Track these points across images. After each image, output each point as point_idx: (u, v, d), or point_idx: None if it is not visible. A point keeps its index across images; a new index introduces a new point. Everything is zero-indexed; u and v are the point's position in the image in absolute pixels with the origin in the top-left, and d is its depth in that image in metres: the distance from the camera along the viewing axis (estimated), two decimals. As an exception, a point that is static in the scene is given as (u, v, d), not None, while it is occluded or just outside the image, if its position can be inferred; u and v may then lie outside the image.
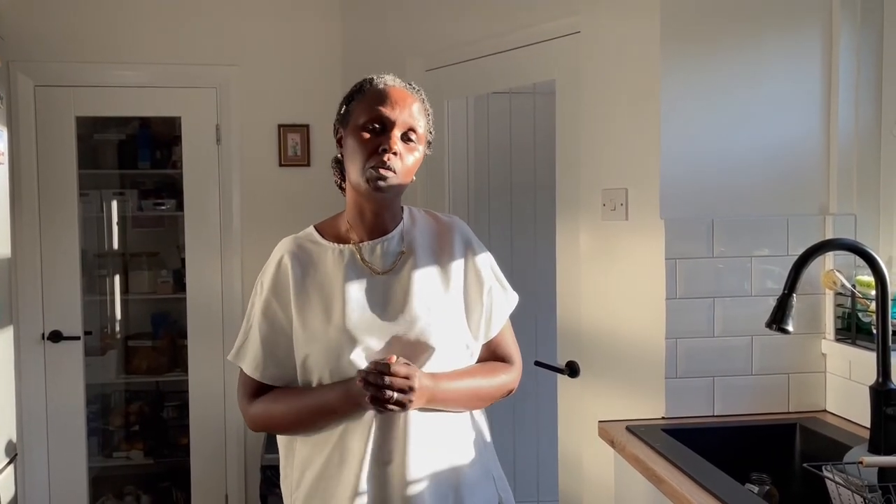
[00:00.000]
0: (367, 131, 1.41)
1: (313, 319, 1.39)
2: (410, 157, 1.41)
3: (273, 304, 1.42)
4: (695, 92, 1.99)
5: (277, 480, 2.92)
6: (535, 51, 2.43)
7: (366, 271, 1.42)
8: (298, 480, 1.44)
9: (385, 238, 1.45)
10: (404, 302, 1.40)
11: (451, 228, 1.51)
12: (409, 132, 1.41)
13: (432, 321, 1.39)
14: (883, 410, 1.55)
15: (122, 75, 3.24)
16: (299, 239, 1.49)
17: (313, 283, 1.42)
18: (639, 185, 2.06)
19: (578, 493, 2.32)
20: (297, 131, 3.34)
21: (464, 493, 1.41)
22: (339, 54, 3.36)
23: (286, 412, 1.42)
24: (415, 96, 1.45)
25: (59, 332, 3.21)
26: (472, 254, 1.50)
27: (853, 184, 2.02)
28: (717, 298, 2.01)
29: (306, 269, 1.42)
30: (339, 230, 1.49)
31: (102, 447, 3.63)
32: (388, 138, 1.38)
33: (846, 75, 2.00)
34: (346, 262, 1.43)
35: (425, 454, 1.38)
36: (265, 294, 1.44)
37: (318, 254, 1.45)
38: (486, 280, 1.49)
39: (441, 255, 1.47)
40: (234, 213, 3.31)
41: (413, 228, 1.48)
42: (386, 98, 1.41)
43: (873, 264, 1.58)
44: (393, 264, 1.43)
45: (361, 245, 1.44)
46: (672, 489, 1.57)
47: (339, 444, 1.38)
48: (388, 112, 1.39)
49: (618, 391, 2.15)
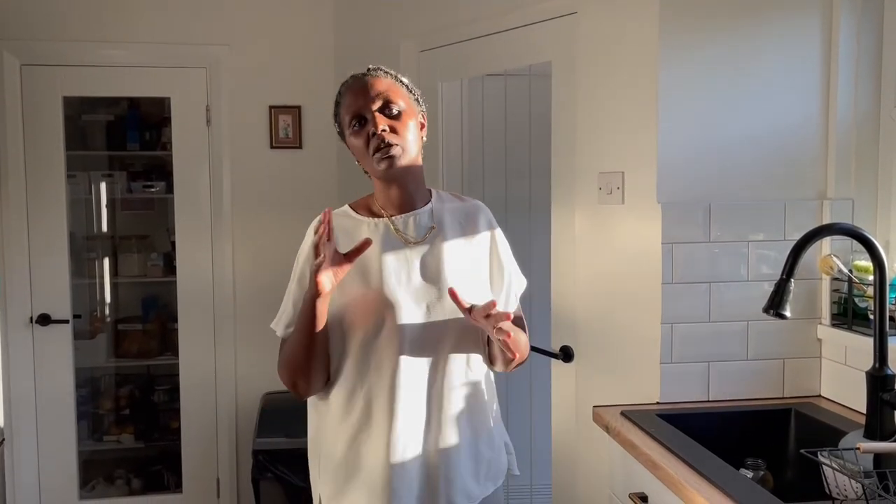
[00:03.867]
0: (355, 129, 1.50)
1: (350, 284, 1.47)
2: (404, 127, 1.48)
3: (307, 273, 1.48)
4: (693, 75, 1.97)
5: (269, 464, 2.91)
6: (530, 32, 2.40)
7: (400, 242, 1.52)
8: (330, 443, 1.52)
9: (416, 212, 1.55)
10: (437, 270, 1.51)
11: (477, 210, 1.62)
12: (387, 106, 1.48)
13: (463, 289, 1.44)
14: (879, 396, 1.54)
15: (110, 54, 3.19)
16: (335, 214, 1.55)
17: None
18: (635, 168, 2.04)
19: (573, 479, 2.31)
20: (289, 113, 3.30)
21: (492, 453, 1.57)
22: (331, 35, 3.32)
23: (290, 346, 1.51)
24: (376, 76, 1.53)
25: (47, 316, 3.18)
26: (494, 236, 1.61)
27: (851, 168, 2.00)
28: (713, 283, 2.00)
29: (342, 242, 1.49)
30: (371, 207, 1.57)
31: (92, 431, 3.61)
32: (371, 125, 1.46)
33: (846, 59, 1.99)
34: (381, 234, 1.52)
35: (459, 415, 1.51)
36: (302, 264, 1.54)
37: (354, 226, 1.54)
38: (505, 263, 1.60)
39: (467, 233, 1.58)
40: (225, 195, 3.27)
41: (442, 207, 1.59)
42: (356, 92, 1.50)
43: (872, 249, 1.57)
44: (424, 236, 1.53)
45: (395, 218, 1.54)
46: (667, 474, 1.57)
47: (371, 407, 1.47)
48: (361, 102, 1.49)
49: (612, 376, 2.14)
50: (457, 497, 1.50)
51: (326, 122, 3.50)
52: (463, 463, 1.51)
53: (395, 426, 1.45)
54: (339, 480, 1.51)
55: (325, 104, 3.34)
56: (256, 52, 3.27)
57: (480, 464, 1.55)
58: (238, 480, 3.35)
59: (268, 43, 3.28)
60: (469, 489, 1.53)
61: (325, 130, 3.36)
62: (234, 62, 3.25)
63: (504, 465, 1.62)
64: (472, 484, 1.53)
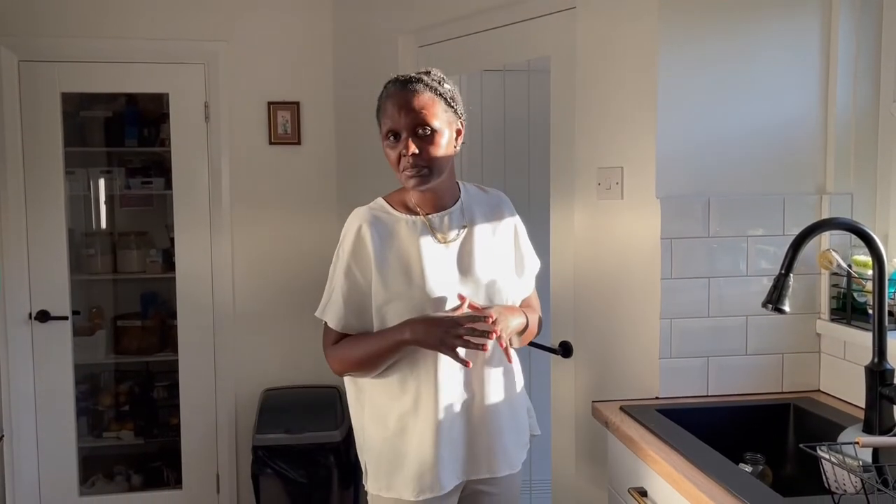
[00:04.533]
0: (388, 143, 1.61)
1: (394, 280, 1.61)
2: (434, 149, 1.58)
3: (353, 268, 1.63)
4: (692, 70, 1.96)
5: (269, 460, 2.92)
6: (529, 27, 2.40)
7: (436, 239, 1.65)
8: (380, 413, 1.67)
9: (449, 211, 1.69)
10: (470, 266, 1.67)
11: (501, 202, 1.79)
12: (420, 127, 1.57)
13: (495, 283, 1.68)
14: (878, 390, 1.54)
15: (108, 50, 3.18)
16: (374, 210, 1.68)
17: (391, 249, 1.63)
18: (634, 164, 2.03)
19: (572, 474, 2.32)
20: (288, 109, 3.30)
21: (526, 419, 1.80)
22: (329, 30, 3.31)
23: (358, 353, 1.64)
24: (417, 90, 1.59)
25: (46, 312, 3.18)
26: (517, 224, 1.79)
27: (850, 163, 2.00)
28: (712, 278, 2.00)
29: (385, 238, 1.63)
30: (406, 203, 1.69)
31: (92, 427, 3.61)
32: (403, 145, 1.58)
33: (845, 53, 1.98)
34: (419, 232, 1.65)
35: (499, 385, 1.70)
36: (346, 258, 1.64)
37: (393, 223, 1.66)
38: (524, 248, 1.79)
39: (495, 224, 1.74)
40: (224, 191, 3.27)
41: (471, 202, 1.73)
42: (393, 107, 1.59)
43: (871, 244, 1.57)
44: (458, 234, 1.68)
45: (431, 217, 1.67)
46: (666, 469, 1.57)
47: (419, 377, 1.62)
48: (396, 121, 1.58)
49: (612, 371, 2.14)
50: (500, 465, 1.69)
51: (325, 117, 3.52)
52: (507, 435, 1.70)
53: (440, 408, 1.61)
54: (388, 455, 1.65)
55: (324, 100, 3.38)
56: (255, 47, 3.26)
57: (522, 434, 1.77)
58: (238, 476, 3.35)
59: (266, 38, 3.27)
60: (512, 458, 1.72)
61: (323, 126, 3.36)
62: (232, 58, 3.24)
63: (528, 432, 1.81)
64: (514, 452, 1.73)
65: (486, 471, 1.68)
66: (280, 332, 3.30)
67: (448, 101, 1.62)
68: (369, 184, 1.60)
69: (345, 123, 3.26)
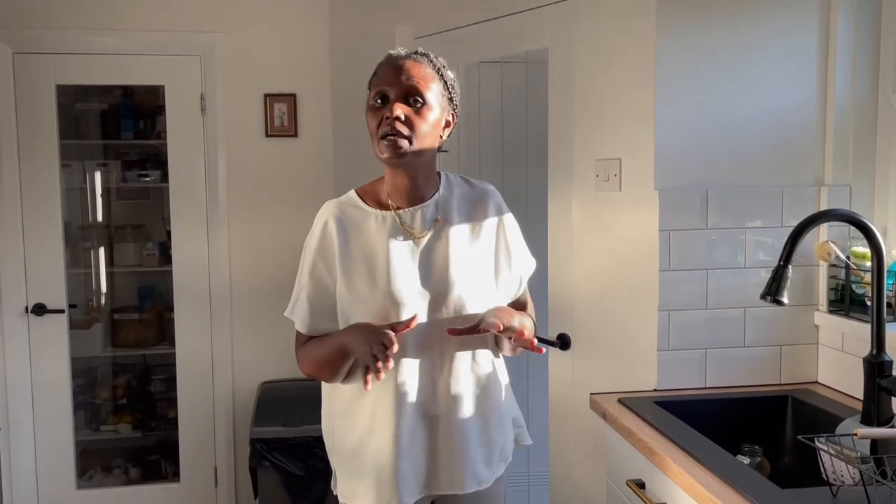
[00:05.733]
0: (375, 105, 1.48)
1: (359, 282, 1.49)
2: (421, 122, 1.45)
3: (319, 266, 1.52)
4: (690, 61, 1.96)
5: (267, 453, 2.91)
6: (526, 18, 2.38)
7: (406, 237, 1.51)
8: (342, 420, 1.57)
9: (423, 205, 1.53)
10: (443, 267, 1.51)
11: (486, 195, 1.61)
12: (413, 96, 1.45)
13: (468, 284, 1.51)
14: (876, 382, 1.54)
15: (103, 42, 3.16)
16: (342, 203, 1.56)
17: (357, 246, 1.51)
18: (633, 155, 2.03)
19: (570, 466, 2.32)
20: (284, 101, 3.28)
21: (503, 434, 1.61)
22: (325, 21, 3.29)
23: (314, 356, 1.55)
24: (419, 62, 1.49)
25: (42, 306, 3.17)
26: (503, 221, 1.61)
27: (849, 154, 2.00)
28: (710, 270, 1.99)
29: (350, 234, 1.51)
30: (379, 196, 1.55)
31: (90, 421, 3.61)
32: (389, 108, 1.44)
33: (844, 44, 1.98)
34: (388, 228, 1.51)
35: (468, 396, 1.53)
36: (311, 256, 1.53)
37: (361, 219, 1.53)
38: (513, 246, 1.61)
39: (475, 221, 1.57)
40: (220, 184, 3.25)
41: (450, 196, 1.57)
42: (388, 71, 1.48)
43: (869, 235, 1.56)
44: (430, 230, 1.52)
45: (401, 212, 1.52)
46: (664, 461, 1.57)
47: (381, 385, 1.47)
48: (390, 83, 1.46)
49: (610, 363, 2.14)
50: (467, 482, 1.54)
51: (322, 109, 3.51)
52: (473, 452, 1.55)
53: (399, 420, 1.48)
54: (350, 467, 1.57)
55: (321, 92, 3.36)
56: (251, 39, 3.24)
57: (493, 450, 1.59)
58: (236, 469, 3.35)
59: (262, 30, 3.26)
60: (480, 475, 1.56)
61: (320, 118, 3.35)
62: (228, 50, 3.22)
63: (511, 444, 1.66)
64: (483, 469, 1.57)
65: (449, 487, 1.54)
66: (277, 325, 3.28)
67: (448, 85, 1.52)
68: (366, 176, 1.59)
69: (342, 115, 3.25)
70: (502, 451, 1.62)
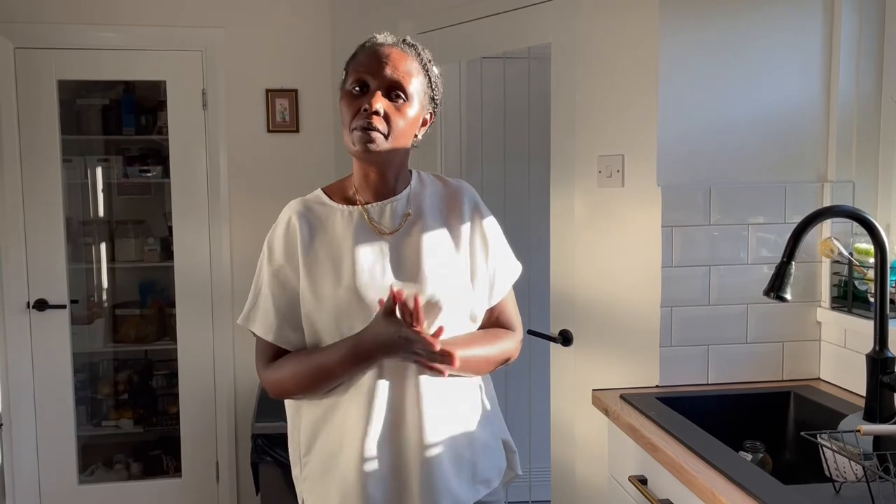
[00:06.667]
0: (351, 93, 1.38)
1: (322, 281, 1.38)
2: (400, 118, 1.37)
3: (285, 267, 1.41)
4: (694, 57, 1.95)
5: (268, 448, 2.91)
6: (529, 13, 2.38)
7: (374, 233, 1.41)
8: (308, 445, 1.45)
9: (392, 199, 1.44)
10: (414, 263, 1.40)
11: (460, 192, 1.50)
12: (395, 90, 1.37)
13: (441, 283, 1.39)
14: (879, 378, 1.54)
15: (105, 37, 3.15)
16: (307, 201, 1.47)
17: (322, 244, 1.41)
18: (635, 151, 2.02)
19: (571, 462, 2.32)
20: (286, 96, 3.28)
21: (478, 455, 1.45)
22: (327, 17, 3.29)
23: (293, 375, 1.40)
24: (406, 53, 1.41)
25: (44, 301, 3.17)
26: (479, 218, 1.49)
27: (852, 151, 1.99)
28: (712, 266, 1.99)
29: (315, 231, 1.42)
30: (346, 192, 1.47)
31: (91, 416, 3.61)
32: (368, 99, 1.35)
33: (847, 41, 1.97)
34: (354, 224, 1.42)
35: (439, 418, 1.39)
36: (275, 256, 1.43)
37: (327, 215, 1.44)
38: (491, 245, 1.49)
39: (449, 218, 1.46)
40: (222, 179, 3.25)
41: (422, 191, 1.47)
42: (371, 58, 1.38)
43: (872, 232, 1.56)
44: (399, 225, 1.43)
45: (369, 206, 1.43)
46: (666, 457, 1.57)
47: (348, 408, 1.38)
48: (373, 72, 1.36)
49: (612, 359, 2.14)
50: (441, 500, 1.39)
51: (324, 105, 3.50)
52: (444, 467, 1.40)
53: (366, 440, 1.36)
54: (318, 483, 1.44)
55: (323, 87, 3.35)
56: (252, 34, 3.24)
57: (462, 467, 1.43)
58: (237, 464, 3.35)
59: (264, 25, 3.25)
60: (455, 493, 1.41)
61: (322, 114, 3.34)
62: (230, 45, 3.22)
63: (498, 467, 1.51)
64: (457, 486, 1.41)
65: None
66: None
67: (432, 81, 1.44)
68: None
69: (343, 111, 3.24)
70: (475, 468, 1.45)
